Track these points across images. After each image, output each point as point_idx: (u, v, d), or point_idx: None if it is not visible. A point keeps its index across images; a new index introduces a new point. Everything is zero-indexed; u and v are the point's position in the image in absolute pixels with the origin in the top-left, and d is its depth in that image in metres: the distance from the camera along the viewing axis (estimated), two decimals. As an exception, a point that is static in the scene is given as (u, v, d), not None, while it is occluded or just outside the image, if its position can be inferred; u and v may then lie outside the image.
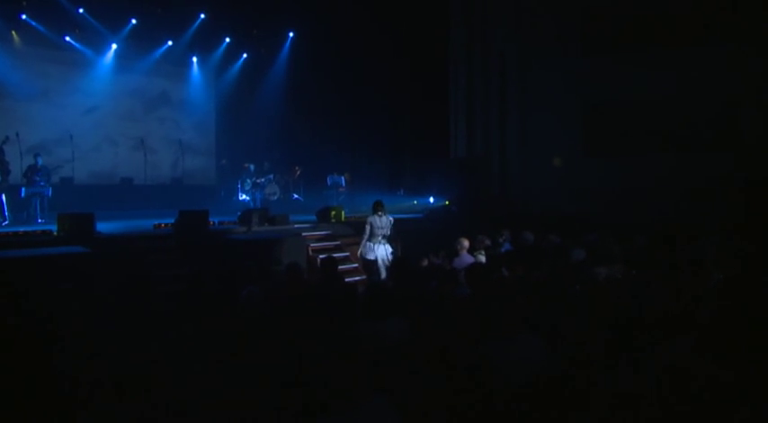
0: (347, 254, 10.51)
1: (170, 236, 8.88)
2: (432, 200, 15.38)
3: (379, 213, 8.65)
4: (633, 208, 12.13)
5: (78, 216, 8.36)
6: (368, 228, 8.70)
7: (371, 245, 8.66)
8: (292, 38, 18.15)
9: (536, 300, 4.32)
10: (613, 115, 14.07)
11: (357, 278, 10.12)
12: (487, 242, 7.05)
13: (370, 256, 8.69)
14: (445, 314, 3.49)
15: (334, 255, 10.07)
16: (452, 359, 2.81)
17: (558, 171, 14.60)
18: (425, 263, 6.94)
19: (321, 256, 10.30)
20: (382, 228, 8.64)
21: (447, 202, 14.44)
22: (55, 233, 8.13)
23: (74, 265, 6.24)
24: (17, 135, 13.90)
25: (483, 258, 6.58)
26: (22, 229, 8.47)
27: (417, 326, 3.33)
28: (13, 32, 15.47)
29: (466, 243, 6.94)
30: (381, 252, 8.64)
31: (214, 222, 10.17)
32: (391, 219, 8.77)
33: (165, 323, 3.98)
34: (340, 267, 10.06)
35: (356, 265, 10.40)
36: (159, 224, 9.60)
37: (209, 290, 4.50)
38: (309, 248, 10.37)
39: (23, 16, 14.97)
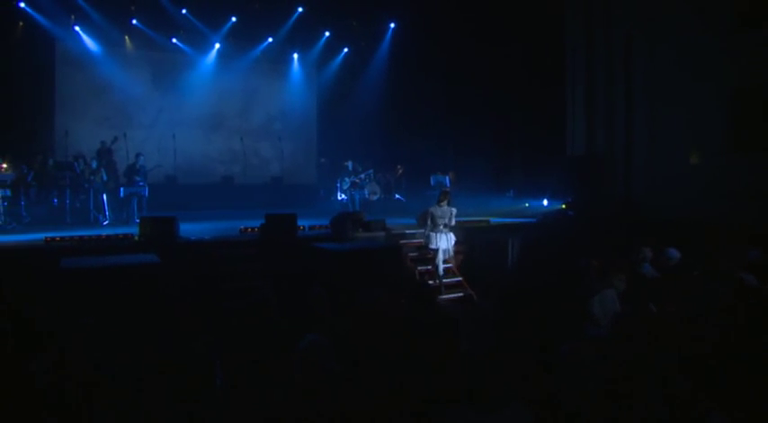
0: (449, 265, 9.38)
1: (254, 243, 8.22)
2: (546, 203, 13.77)
3: (441, 203, 8.91)
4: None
5: (160, 220, 7.93)
6: (429, 218, 8.95)
7: (433, 234, 8.89)
8: (393, 29, 17.25)
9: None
10: (768, 100, 11.71)
11: (460, 293, 9.01)
12: (635, 257, 5.56)
13: (432, 246, 8.93)
14: (588, 405, 2.29)
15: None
16: None
17: (697, 170, 12.47)
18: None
19: (420, 268, 9.33)
20: (442, 217, 8.86)
21: (563, 206, 12.82)
22: (136, 238, 7.74)
23: (141, 275, 5.64)
24: (125, 135, 14.20)
25: (623, 286, 5.16)
26: (105, 232, 8.17)
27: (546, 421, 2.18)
28: (126, 38, 15.96)
29: (596, 264, 5.56)
30: (443, 243, 8.85)
31: (304, 227, 9.42)
32: (453, 210, 8.99)
33: (203, 375, 3.10)
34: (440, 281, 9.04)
35: (460, 278, 9.28)
36: (246, 228, 8.99)
37: (268, 329, 3.60)
38: (408, 258, 9.36)
39: (134, 21, 15.34)
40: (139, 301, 5.32)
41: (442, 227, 8.84)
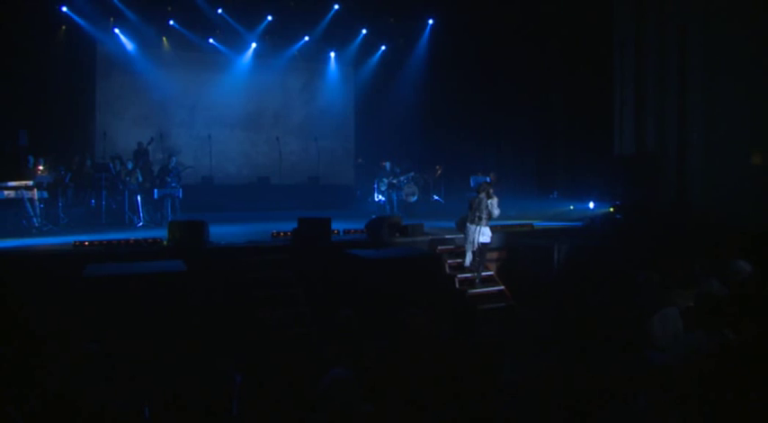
0: (491, 273, 8.88)
1: (285, 248, 7.90)
2: (592, 205, 13.05)
3: (480, 194, 8.61)
4: None
5: (189, 224, 7.70)
6: (468, 209, 8.75)
7: (467, 225, 8.66)
8: (432, 26, 16.76)
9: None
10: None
11: (501, 304, 8.49)
12: (697, 270, 4.94)
13: (464, 237, 8.75)
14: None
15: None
16: None
17: (760, 171, 11.56)
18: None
19: (459, 276, 8.85)
20: (477, 208, 8.55)
21: (611, 209, 12.12)
22: (164, 242, 7.53)
23: (165, 284, 5.37)
24: (161, 136, 14.21)
25: (687, 303, 4.58)
26: (135, 236, 8.00)
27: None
28: (164, 39, 16.00)
29: (656, 278, 4.98)
30: (470, 234, 8.57)
31: (339, 231, 9.07)
32: (492, 200, 8.55)
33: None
34: (480, 291, 8.55)
35: (501, 287, 8.77)
36: (278, 232, 8.68)
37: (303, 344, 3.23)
38: (447, 265, 8.91)
39: (171, 22, 15.34)
40: (162, 312, 5.05)
41: (475, 218, 8.57)
